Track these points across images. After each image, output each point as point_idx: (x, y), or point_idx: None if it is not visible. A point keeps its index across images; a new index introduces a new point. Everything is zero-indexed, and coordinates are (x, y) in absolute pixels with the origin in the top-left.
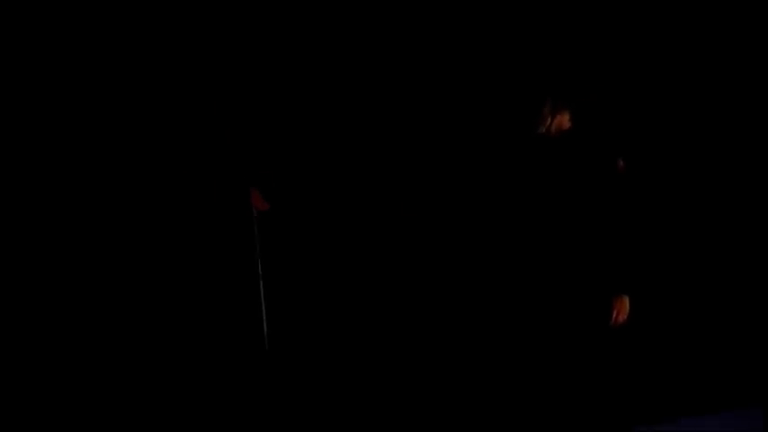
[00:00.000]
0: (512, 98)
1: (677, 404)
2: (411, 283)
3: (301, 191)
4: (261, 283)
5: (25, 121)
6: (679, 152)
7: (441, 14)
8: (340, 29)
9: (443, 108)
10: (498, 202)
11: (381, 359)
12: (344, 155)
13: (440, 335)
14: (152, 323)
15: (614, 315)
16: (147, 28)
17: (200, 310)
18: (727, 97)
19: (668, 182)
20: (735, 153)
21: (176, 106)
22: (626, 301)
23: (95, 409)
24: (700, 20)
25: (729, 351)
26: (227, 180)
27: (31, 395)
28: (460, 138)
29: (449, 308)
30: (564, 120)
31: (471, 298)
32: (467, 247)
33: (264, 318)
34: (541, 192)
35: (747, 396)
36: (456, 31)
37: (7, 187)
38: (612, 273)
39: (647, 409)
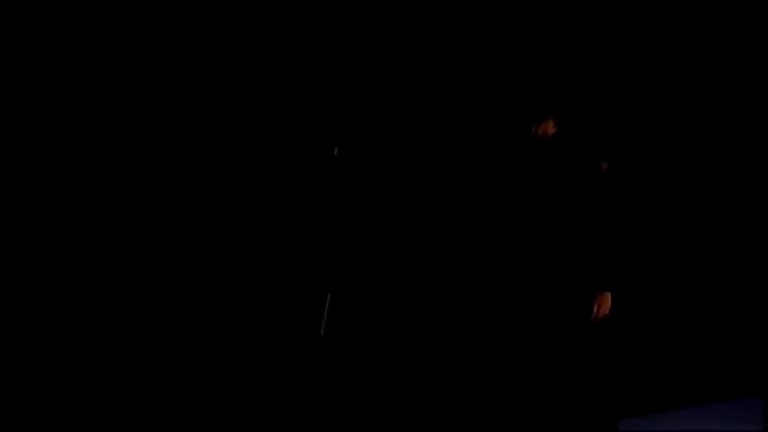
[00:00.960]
0: (500, 104)
1: (677, 396)
2: (401, 281)
3: (300, 191)
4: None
5: (25, 121)
6: (659, 154)
7: (427, 23)
8: (335, 30)
9: (432, 113)
10: (486, 204)
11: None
12: (339, 156)
13: (427, 330)
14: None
15: (595, 310)
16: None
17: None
18: (709, 100)
19: (649, 182)
20: (715, 154)
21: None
22: (608, 296)
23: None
24: (681, 26)
25: (728, 342)
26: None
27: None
28: (449, 142)
29: (436, 304)
30: (549, 125)
31: (457, 294)
32: (454, 246)
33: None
34: (528, 193)
35: (747, 387)
36: (445, 39)
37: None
38: (596, 270)
39: (646, 403)
